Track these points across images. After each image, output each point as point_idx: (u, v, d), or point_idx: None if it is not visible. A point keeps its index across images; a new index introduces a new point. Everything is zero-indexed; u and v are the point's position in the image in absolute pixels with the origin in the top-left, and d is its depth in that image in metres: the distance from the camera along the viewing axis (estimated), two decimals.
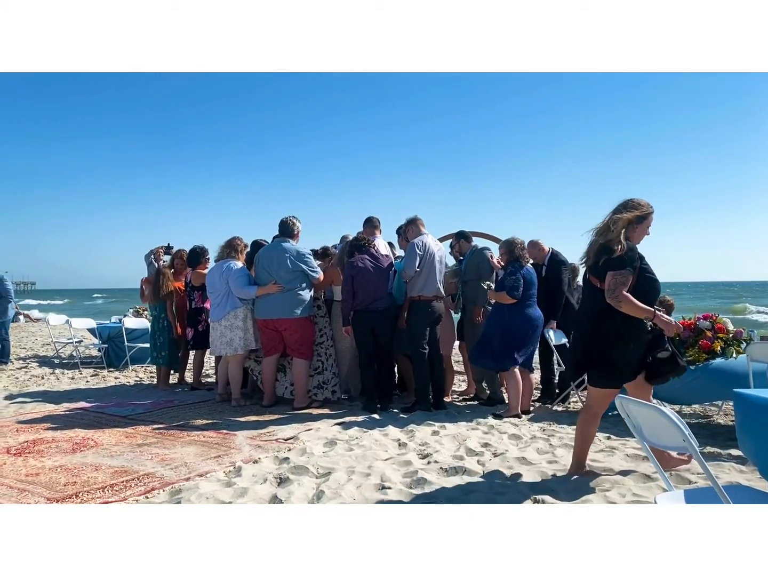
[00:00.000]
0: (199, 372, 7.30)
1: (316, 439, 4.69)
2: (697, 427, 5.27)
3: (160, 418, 5.54)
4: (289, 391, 6.11)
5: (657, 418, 2.24)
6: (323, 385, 6.06)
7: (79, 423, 5.36)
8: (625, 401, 2.44)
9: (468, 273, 6.27)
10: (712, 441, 4.65)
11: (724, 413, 5.65)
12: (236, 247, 6.15)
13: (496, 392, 6.19)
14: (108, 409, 5.96)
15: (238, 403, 6.03)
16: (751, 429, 2.57)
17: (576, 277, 7.05)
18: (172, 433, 5.02)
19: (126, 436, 4.92)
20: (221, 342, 6.03)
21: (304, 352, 5.85)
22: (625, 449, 4.38)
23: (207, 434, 4.95)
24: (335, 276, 6.12)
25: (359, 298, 5.70)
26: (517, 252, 5.62)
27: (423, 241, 5.78)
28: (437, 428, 5.03)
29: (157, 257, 7.48)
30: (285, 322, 5.75)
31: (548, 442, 4.64)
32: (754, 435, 2.56)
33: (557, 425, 5.19)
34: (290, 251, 5.80)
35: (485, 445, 4.55)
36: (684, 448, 2.14)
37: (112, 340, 9.09)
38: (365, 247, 5.84)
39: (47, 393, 6.87)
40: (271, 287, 5.75)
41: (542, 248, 6.31)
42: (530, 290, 5.59)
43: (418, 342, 5.77)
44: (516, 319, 5.52)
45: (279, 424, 5.27)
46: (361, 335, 5.79)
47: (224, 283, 5.97)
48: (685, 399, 5.38)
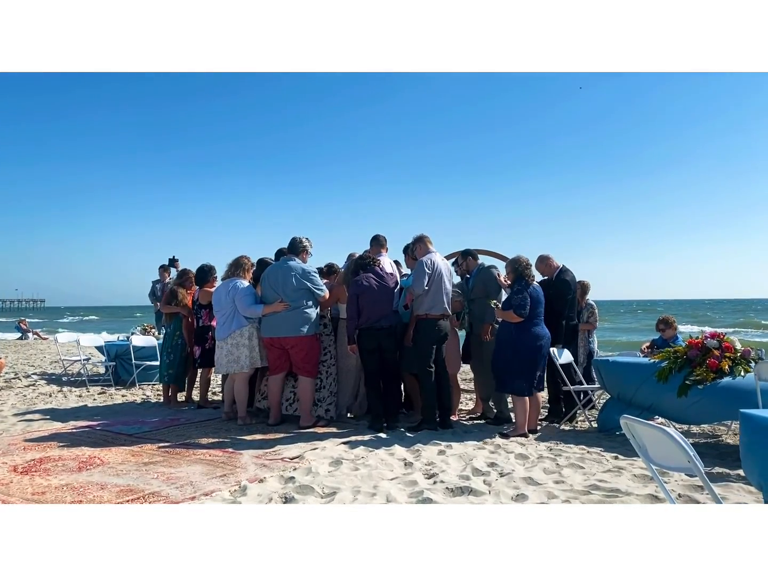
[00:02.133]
0: (205, 390, 7.31)
1: (321, 459, 4.67)
2: (706, 447, 5.22)
3: (166, 437, 5.54)
4: (284, 407, 6.12)
5: (662, 439, 2.23)
6: (318, 403, 6.05)
7: (85, 441, 5.37)
8: (630, 422, 2.43)
9: (475, 291, 6.27)
10: (720, 461, 4.61)
11: (733, 433, 5.60)
12: (243, 265, 6.19)
13: (503, 411, 6.16)
14: (114, 427, 5.97)
15: (244, 421, 6.02)
16: (758, 450, 2.55)
17: (585, 294, 7.04)
18: (178, 451, 5.02)
19: (132, 454, 4.93)
20: (228, 360, 6.04)
21: (310, 370, 5.86)
22: (632, 469, 4.34)
23: (213, 453, 4.95)
24: (341, 294, 6.14)
25: (364, 317, 5.71)
26: (521, 270, 5.63)
27: (432, 259, 5.80)
28: (443, 447, 5.01)
29: (163, 278, 7.54)
30: (291, 341, 5.76)
31: (555, 462, 4.60)
32: (760, 456, 2.53)
33: (564, 445, 5.16)
34: (296, 269, 5.83)
35: (492, 464, 4.52)
36: (689, 469, 2.13)
37: (119, 358, 9.14)
38: (370, 266, 5.86)
39: (54, 411, 6.89)
40: (277, 306, 5.77)
41: (551, 263, 6.30)
42: (537, 308, 5.58)
43: (425, 360, 5.76)
44: (523, 337, 5.51)
45: (285, 443, 5.26)
46: (367, 354, 5.79)
47: (230, 302, 6.00)
48: (692, 419, 5.34)
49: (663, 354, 5.32)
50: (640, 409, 5.38)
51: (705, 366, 4.91)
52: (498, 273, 6.25)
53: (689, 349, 5.12)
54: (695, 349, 5.08)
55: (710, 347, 5.06)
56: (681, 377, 5.00)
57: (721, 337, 5.17)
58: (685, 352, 5.12)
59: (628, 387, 5.43)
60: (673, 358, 5.15)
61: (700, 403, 4.89)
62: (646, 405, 5.35)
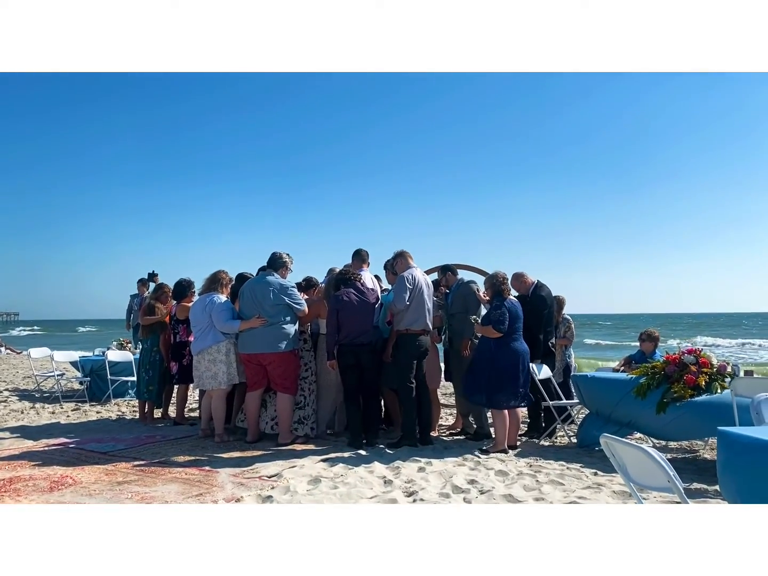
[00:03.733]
0: (182, 407, 7.20)
1: (300, 477, 4.61)
2: (684, 462, 5.26)
3: (142, 455, 5.43)
4: (269, 426, 6.03)
5: (642, 459, 2.23)
6: (303, 421, 5.99)
7: (58, 460, 5.24)
8: (610, 441, 2.43)
9: (455, 306, 6.27)
10: (698, 477, 4.63)
11: (710, 448, 5.64)
12: (221, 280, 6.12)
13: (483, 426, 6.15)
14: (88, 445, 5.84)
15: (221, 438, 5.93)
16: (734, 468, 2.56)
17: (561, 309, 7.09)
18: (153, 470, 4.92)
19: (106, 473, 4.82)
20: (205, 376, 5.96)
21: (288, 386, 5.78)
22: (612, 485, 4.34)
23: (189, 471, 4.86)
24: (321, 309, 6.09)
25: (344, 333, 5.67)
26: (499, 286, 5.65)
27: (412, 274, 5.79)
28: (423, 464, 4.97)
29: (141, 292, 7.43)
30: (269, 357, 5.69)
31: (535, 478, 4.59)
32: (737, 474, 2.54)
33: (544, 461, 5.15)
34: (274, 284, 5.77)
35: (471, 481, 4.49)
36: (669, 489, 2.13)
37: (94, 374, 8.96)
38: (351, 281, 5.83)
39: (26, 428, 6.73)
40: (255, 321, 5.70)
41: (525, 280, 6.34)
42: (516, 324, 5.60)
43: (406, 376, 5.74)
44: (502, 353, 5.52)
45: (263, 460, 5.18)
46: (346, 370, 5.75)
47: (207, 317, 5.92)
48: (671, 435, 5.38)
49: (641, 369, 5.36)
50: (619, 425, 5.40)
51: (683, 382, 4.95)
52: (477, 288, 6.26)
53: (667, 365, 5.15)
54: (673, 365, 5.12)
55: (687, 363, 5.10)
56: (659, 393, 5.03)
57: (697, 352, 5.23)
58: (663, 368, 5.16)
59: (607, 403, 5.45)
60: (651, 374, 5.18)
61: (678, 419, 4.92)
62: (625, 421, 5.38)
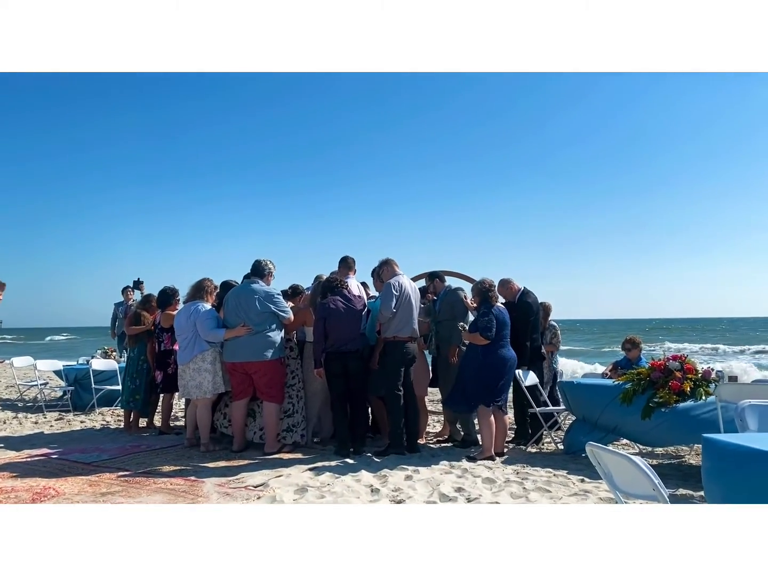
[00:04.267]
0: (167, 416, 7.13)
1: (286, 486, 4.58)
2: (669, 468, 5.28)
3: (126, 465, 5.37)
4: (258, 435, 5.98)
5: (627, 467, 2.24)
6: (293, 428, 5.95)
7: (40, 471, 5.17)
8: (596, 449, 2.43)
9: (442, 313, 6.27)
10: (683, 483, 4.65)
11: (696, 453, 5.67)
12: (205, 288, 6.06)
13: (470, 433, 6.15)
14: (71, 455, 5.77)
15: (207, 448, 5.87)
16: (720, 475, 2.56)
17: (548, 315, 7.12)
18: (138, 480, 4.86)
19: (89, 484, 4.76)
20: (190, 385, 5.90)
21: (274, 395, 5.74)
22: (598, 492, 4.36)
23: (174, 481, 4.81)
24: (307, 317, 6.07)
25: (331, 340, 5.65)
26: (486, 293, 5.66)
27: (399, 281, 5.79)
28: (411, 472, 4.96)
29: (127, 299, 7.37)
30: (254, 365, 5.65)
31: (522, 485, 4.59)
32: (722, 481, 2.55)
33: (531, 468, 5.15)
34: (259, 292, 5.73)
35: (459, 489, 4.48)
36: (654, 497, 2.13)
37: (78, 383, 8.85)
38: (338, 288, 5.81)
39: (8, 439, 6.63)
40: (240, 330, 5.66)
41: (512, 287, 6.35)
42: (503, 330, 5.61)
43: (393, 383, 5.72)
44: (490, 360, 5.53)
45: (249, 470, 5.14)
46: (333, 377, 5.72)
47: (192, 326, 5.86)
48: (656, 441, 5.40)
49: (627, 376, 5.38)
50: (605, 431, 5.42)
51: (668, 388, 4.98)
52: (465, 295, 6.27)
53: (652, 371, 5.18)
54: (658, 371, 5.15)
55: (672, 369, 5.13)
56: (644, 399, 5.06)
57: (682, 358, 5.26)
58: (648, 374, 5.19)
59: (593, 409, 5.47)
60: (637, 380, 5.21)
61: (663, 425, 4.95)
62: (611, 427, 5.39)
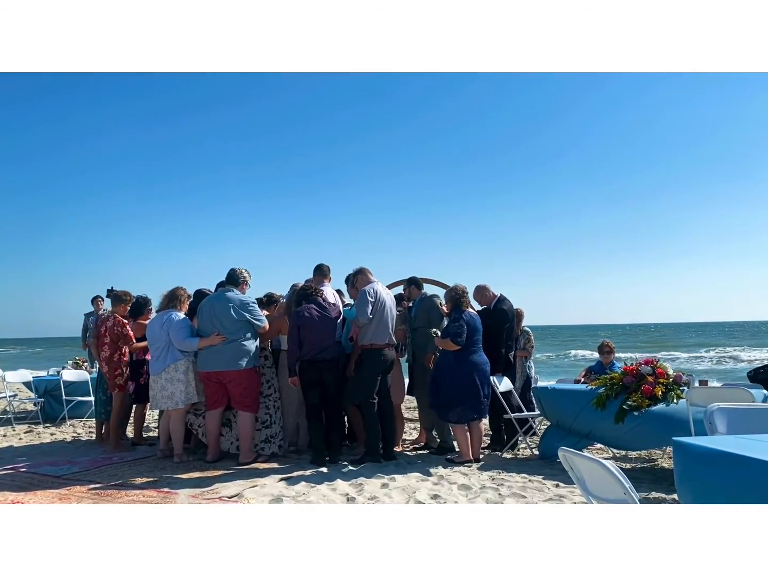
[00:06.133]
0: (140, 427, 7.02)
1: (261, 497, 4.53)
2: (642, 471, 5.34)
3: (98, 477, 5.27)
4: (234, 446, 5.91)
5: (599, 472, 2.25)
6: (271, 439, 5.89)
7: (8, 485, 5.04)
8: (568, 454, 2.45)
9: (418, 320, 6.28)
10: (656, 486, 4.71)
11: (668, 456, 5.74)
12: (178, 297, 5.98)
13: (446, 440, 6.15)
14: (41, 468, 5.65)
15: (181, 459, 5.79)
16: (691, 478, 2.60)
17: (521, 321, 7.18)
18: (110, 493, 4.78)
19: (59, 498, 4.66)
20: (162, 396, 5.81)
21: (249, 404, 5.69)
22: (573, 497, 4.39)
23: (147, 493, 4.74)
24: (282, 325, 6.03)
25: (306, 349, 5.61)
26: (458, 299, 5.69)
27: (374, 288, 5.78)
28: (387, 480, 4.94)
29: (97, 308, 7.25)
30: (229, 374, 5.59)
31: (497, 491, 4.61)
32: (694, 484, 2.59)
33: (506, 474, 5.17)
34: (233, 300, 5.69)
35: (435, 497, 4.48)
36: (625, 501, 2.15)
37: (48, 394, 8.69)
38: (313, 296, 5.78)
39: None
40: (214, 339, 5.60)
41: (488, 293, 6.39)
42: (474, 336, 5.64)
43: (369, 392, 5.70)
44: (461, 366, 5.56)
45: (223, 480, 5.08)
46: (309, 386, 5.68)
47: (165, 335, 5.78)
48: (630, 445, 5.46)
49: (600, 381, 5.44)
50: (580, 436, 5.47)
51: (640, 392, 5.04)
52: (440, 302, 6.29)
53: (624, 376, 5.24)
54: (630, 376, 5.21)
55: (644, 373, 5.20)
56: (617, 404, 5.11)
57: (654, 363, 5.33)
58: (621, 379, 5.25)
59: (567, 414, 5.52)
60: (610, 385, 5.27)
61: (636, 429, 5.01)
62: (585, 432, 5.44)
